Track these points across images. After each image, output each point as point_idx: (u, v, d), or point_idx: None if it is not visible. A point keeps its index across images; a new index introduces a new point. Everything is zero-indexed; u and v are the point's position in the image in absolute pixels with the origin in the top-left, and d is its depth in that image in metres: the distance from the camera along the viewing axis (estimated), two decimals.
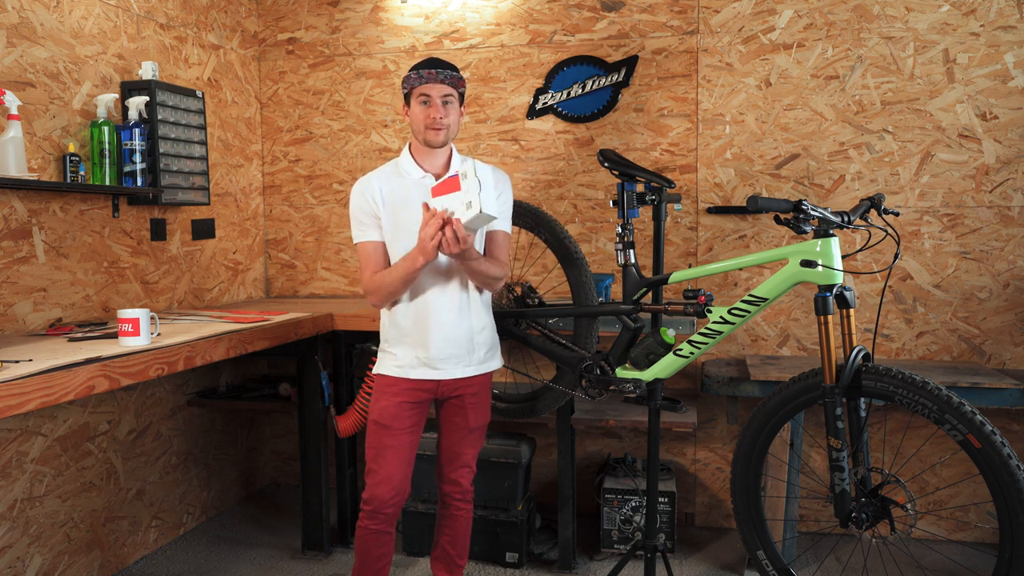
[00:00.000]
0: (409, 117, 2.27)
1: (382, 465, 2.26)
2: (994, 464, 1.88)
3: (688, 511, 3.45)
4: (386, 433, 2.26)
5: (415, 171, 2.27)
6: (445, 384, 2.29)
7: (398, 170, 2.29)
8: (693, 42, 3.31)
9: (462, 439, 2.36)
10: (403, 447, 2.26)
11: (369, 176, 2.29)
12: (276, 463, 4.01)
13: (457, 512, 2.42)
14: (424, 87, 2.20)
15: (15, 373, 1.79)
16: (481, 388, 2.35)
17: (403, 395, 2.26)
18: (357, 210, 2.26)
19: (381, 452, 2.26)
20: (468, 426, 2.35)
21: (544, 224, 2.68)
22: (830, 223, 2.03)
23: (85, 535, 2.83)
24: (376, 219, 2.24)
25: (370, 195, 2.24)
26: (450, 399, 2.33)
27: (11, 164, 2.35)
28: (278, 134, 3.84)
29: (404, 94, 2.27)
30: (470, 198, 2.00)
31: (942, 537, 3.21)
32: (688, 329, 2.81)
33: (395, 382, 2.27)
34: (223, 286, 3.60)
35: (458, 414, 2.34)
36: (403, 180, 2.27)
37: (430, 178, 2.25)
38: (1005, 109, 3.03)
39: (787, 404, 2.19)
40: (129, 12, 3.00)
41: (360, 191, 2.26)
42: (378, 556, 2.31)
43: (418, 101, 2.21)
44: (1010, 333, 3.09)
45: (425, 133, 2.21)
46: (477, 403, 2.35)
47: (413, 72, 2.22)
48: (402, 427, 2.25)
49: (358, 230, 2.27)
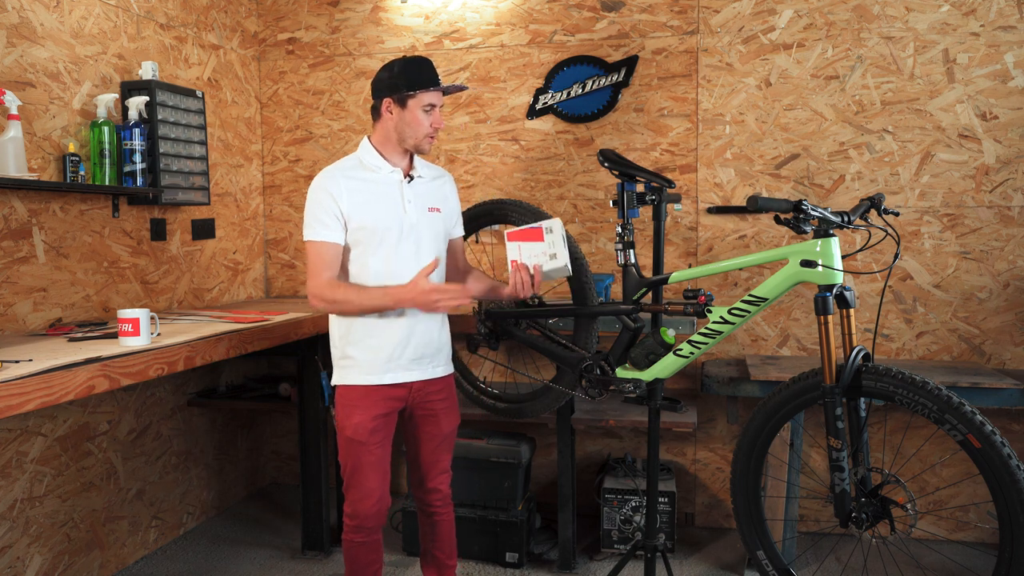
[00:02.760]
0: (396, 117, 2.16)
1: (361, 481, 2.20)
2: (994, 464, 1.88)
3: (688, 511, 3.45)
4: (363, 449, 2.18)
5: (383, 165, 2.19)
6: (417, 387, 2.24)
7: (362, 164, 2.20)
8: (693, 42, 3.31)
9: (438, 447, 2.33)
10: (380, 460, 2.22)
11: (333, 172, 2.16)
12: (276, 463, 4.01)
13: (440, 519, 2.39)
14: (432, 95, 2.16)
15: (15, 373, 1.79)
16: (448, 389, 2.33)
17: (378, 406, 2.19)
18: (318, 207, 2.12)
19: (359, 468, 2.20)
20: (442, 432, 2.32)
21: None
22: (830, 223, 2.03)
23: (85, 535, 2.83)
24: (339, 220, 2.12)
25: (336, 194, 2.11)
26: (418, 407, 2.28)
27: (11, 164, 2.35)
28: (278, 134, 3.84)
29: (402, 93, 2.13)
30: (556, 251, 2.24)
31: (942, 537, 3.21)
32: (688, 329, 2.81)
33: (367, 392, 2.19)
34: (223, 286, 3.60)
35: (430, 423, 2.30)
36: (371, 176, 2.18)
37: (398, 172, 2.20)
38: (1005, 109, 3.03)
39: (787, 404, 2.19)
40: (129, 12, 3.00)
41: (323, 187, 2.13)
42: (368, 563, 2.28)
43: (422, 109, 2.15)
44: (1010, 333, 3.09)
45: (423, 141, 2.18)
46: (447, 407, 2.32)
47: (423, 77, 2.13)
48: (377, 440, 2.20)
49: (316, 227, 2.12)
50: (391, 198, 2.18)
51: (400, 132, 2.18)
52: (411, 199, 2.20)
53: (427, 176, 2.29)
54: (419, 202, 2.22)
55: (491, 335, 2.74)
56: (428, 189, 2.27)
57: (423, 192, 2.25)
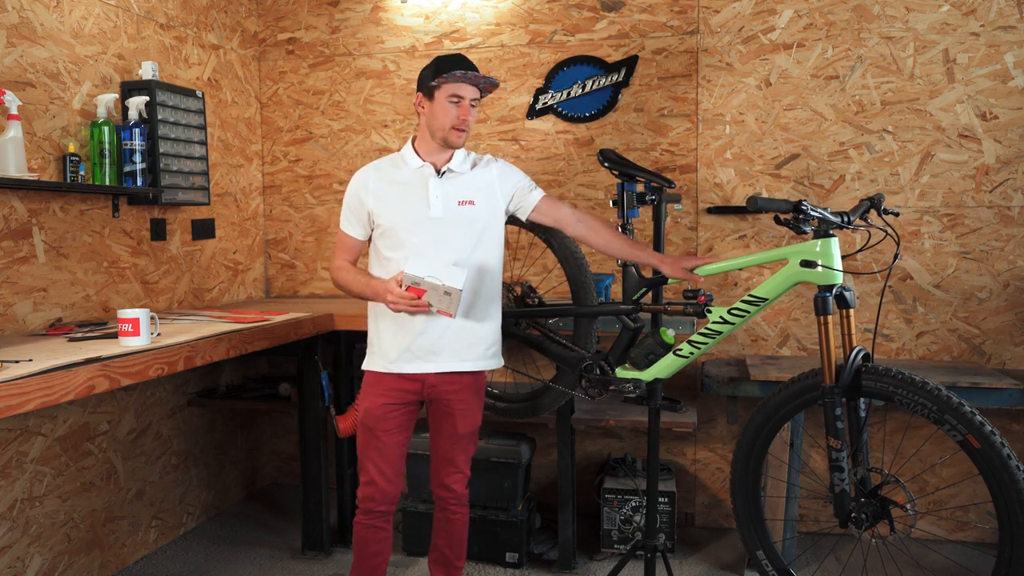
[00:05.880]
0: (427, 111, 2.19)
1: (367, 466, 2.26)
2: (994, 464, 1.88)
3: (688, 511, 3.45)
4: (370, 435, 2.24)
5: (414, 161, 2.24)
6: (431, 381, 2.24)
7: (397, 162, 2.28)
8: (693, 42, 3.31)
9: (453, 446, 2.32)
10: (388, 449, 2.24)
11: (368, 171, 2.28)
12: (276, 463, 4.01)
13: (453, 516, 2.39)
14: (459, 87, 2.14)
15: (15, 373, 1.79)
16: (467, 391, 2.29)
17: (387, 395, 2.24)
18: (349, 202, 2.27)
19: (366, 454, 2.26)
20: (457, 432, 2.30)
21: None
22: (830, 223, 2.03)
23: (85, 535, 2.83)
24: (363, 216, 2.25)
25: (362, 192, 2.24)
26: (433, 401, 2.29)
27: (11, 164, 2.35)
28: (278, 134, 3.84)
29: (428, 86, 2.16)
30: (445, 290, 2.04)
31: (942, 537, 3.21)
32: (688, 329, 2.81)
33: (380, 379, 2.25)
34: (223, 286, 3.60)
35: (446, 419, 2.30)
36: (400, 172, 2.25)
37: (428, 167, 2.22)
38: (1005, 109, 3.03)
39: (787, 404, 2.19)
40: (129, 12, 3.00)
41: (353, 187, 2.27)
42: (374, 552, 2.30)
43: (448, 99, 2.15)
44: (1010, 333, 3.09)
45: (449, 133, 2.17)
46: (464, 408, 2.29)
47: (450, 68, 2.13)
48: (386, 429, 2.23)
49: (344, 219, 2.29)
50: (416, 194, 2.20)
51: (430, 125, 2.21)
52: (438, 194, 2.21)
53: (464, 169, 2.27)
54: (448, 197, 2.22)
55: None
56: (463, 182, 2.25)
57: (455, 186, 2.24)
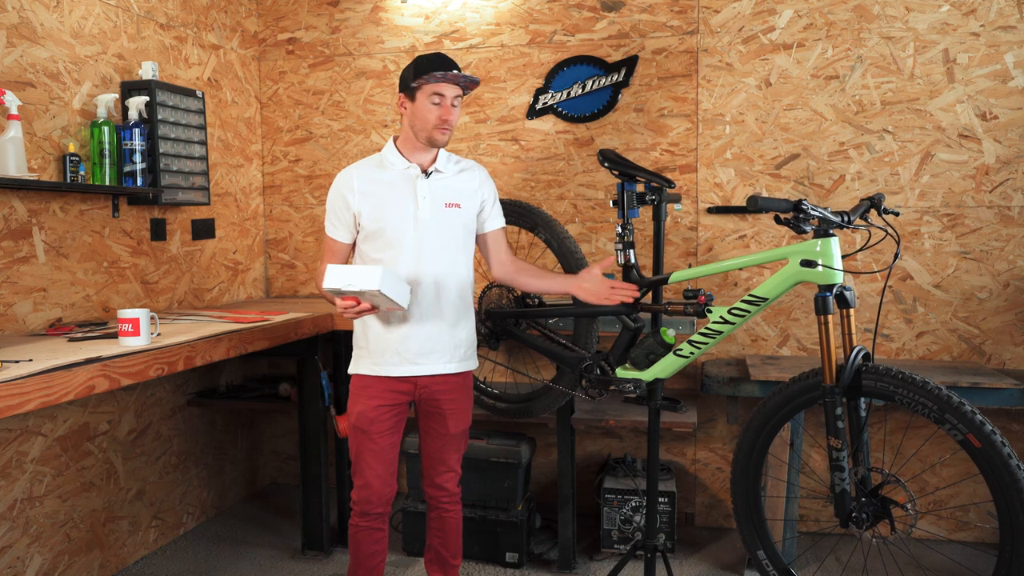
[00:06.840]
0: (409, 111, 2.19)
1: (362, 468, 2.26)
2: (994, 464, 1.88)
3: (688, 511, 3.44)
4: (364, 437, 2.24)
5: (400, 162, 2.23)
6: (423, 382, 2.25)
7: (382, 163, 2.25)
8: (693, 42, 3.31)
9: (444, 446, 2.33)
10: (383, 450, 2.25)
11: (351, 171, 2.23)
12: (276, 463, 4.01)
13: (446, 514, 2.40)
14: (440, 86, 2.14)
15: (15, 373, 1.79)
16: (457, 390, 2.30)
17: (380, 397, 2.23)
18: (334, 204, 2.24)
19: (361, 455, 2.26)
20: (448, 432, 2.31)
21: (544, 224, 2.68)
22: (830, 223, 2.03)
23: (85, 535, 2.83)
24: (349, 218, 2.21)
25: (348, 194, 2.20)
26: (424, 402, 2.29)
27: (11, 164, 2.35)
28: (278, 134, 3.84)
29: (410, 87, 2.16)
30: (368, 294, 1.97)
31: (942, 537, 3.21)
32: (688, 329, 2.81)
33: (371, 383, 2.24)
34: (223, 286, 3.60)
35: (436, 420, 2.30)
36: (386, 172, 2.23)
37: (415, 168, 2.22)
38: (1005, 109, 3.03)
39: (787, 404, 2.19)
40: (129, 12, 3.00)
41: (337, 187, 2.23)
42: (371, 553, 2.30)
43: (429, 99, 2.14)
44: (1010, 333, 3.09)
45: (432, 132, 2.17)
46: (455, 408, 2.30)
47: (429, 68, 2.12)
48: (380, 430, 2.23)
49: (329, 223, 2.26)
50: (403, 195, 2.19)
51: (413, 125, 2.20)
52: (425, 195, 2.20)
53: (450, 171, 2.27)
54: (434, 198, 2.21)
55: (491, 335, 2.75)
56: (448, 184, 2.25)
57: (442, 187, 2.24)
